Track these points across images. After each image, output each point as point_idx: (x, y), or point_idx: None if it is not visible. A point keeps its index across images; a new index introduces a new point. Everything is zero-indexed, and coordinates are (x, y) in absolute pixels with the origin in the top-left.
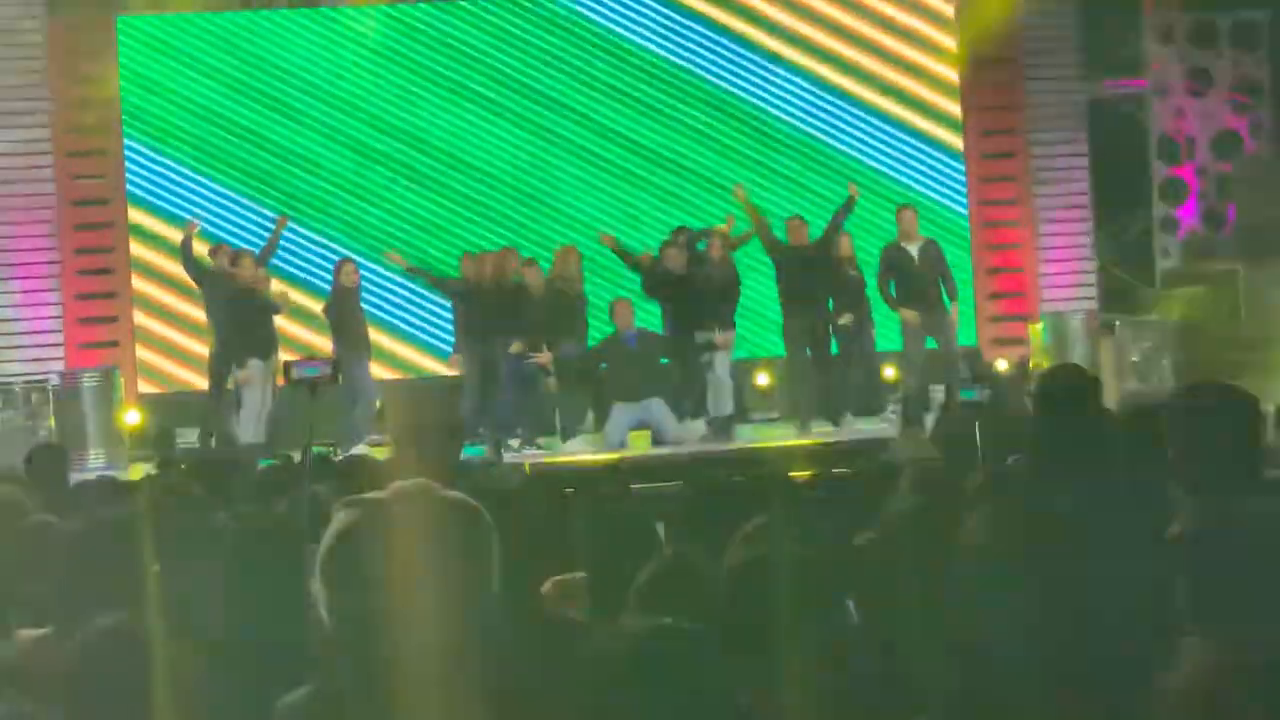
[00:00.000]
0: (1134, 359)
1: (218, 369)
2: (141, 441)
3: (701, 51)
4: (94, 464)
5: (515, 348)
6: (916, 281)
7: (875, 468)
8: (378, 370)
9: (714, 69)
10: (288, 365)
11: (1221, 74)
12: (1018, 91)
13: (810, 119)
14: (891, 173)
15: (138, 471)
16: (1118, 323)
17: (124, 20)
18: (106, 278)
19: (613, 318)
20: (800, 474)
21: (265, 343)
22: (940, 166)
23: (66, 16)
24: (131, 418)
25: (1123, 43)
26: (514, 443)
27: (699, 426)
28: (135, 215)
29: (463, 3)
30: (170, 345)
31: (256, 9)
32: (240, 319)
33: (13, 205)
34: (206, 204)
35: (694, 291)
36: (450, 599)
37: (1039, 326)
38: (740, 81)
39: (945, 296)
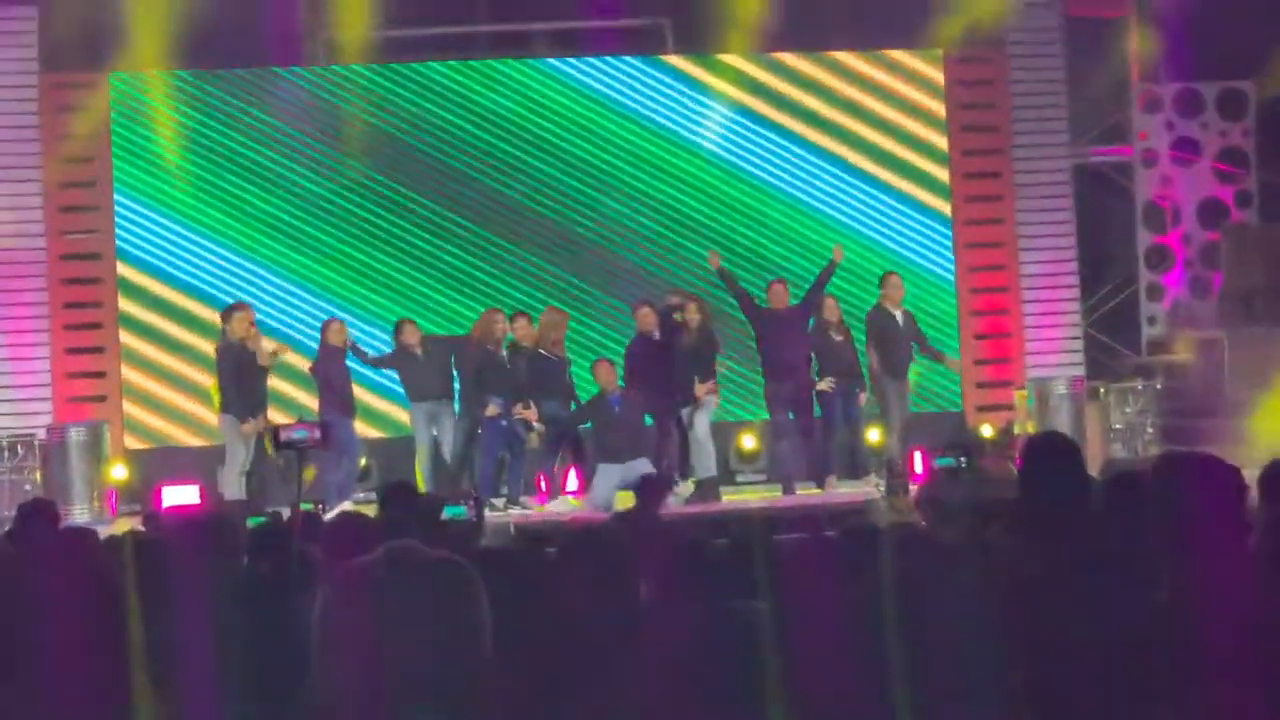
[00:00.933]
0: (1118, 425)
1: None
2: (127, 496)
3: (693, 114)
4: (79, 518)
5: (490, 410)
6: (900, 347)
7: (859, 531)
8: (362, 429)
9: (704, 132)
10: (277, 429)
11: (1208, 143)
12: (1005, 158)
13: (796, 181)
14: (878, 236)
15: (123, 525)
16: (1102, 389)
17: (116, 77)
18: (95, 332)
19: (596, 379)
20: (784, 537)
21: (259, 400)
22: (927, 231)
23: (59, 73)
24: (118, 472)
25: (1110, 111)
26: (497, 502)
27: (685, 487)
28: (125, 271)
29: (453, 63)
30: (158, 400)
31: (247, 68)
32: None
33: (2, 259)
34: (196, 260)
35: (676, 357)
36: (441, 659)
37: (1024, 392)
38: (729, 143)
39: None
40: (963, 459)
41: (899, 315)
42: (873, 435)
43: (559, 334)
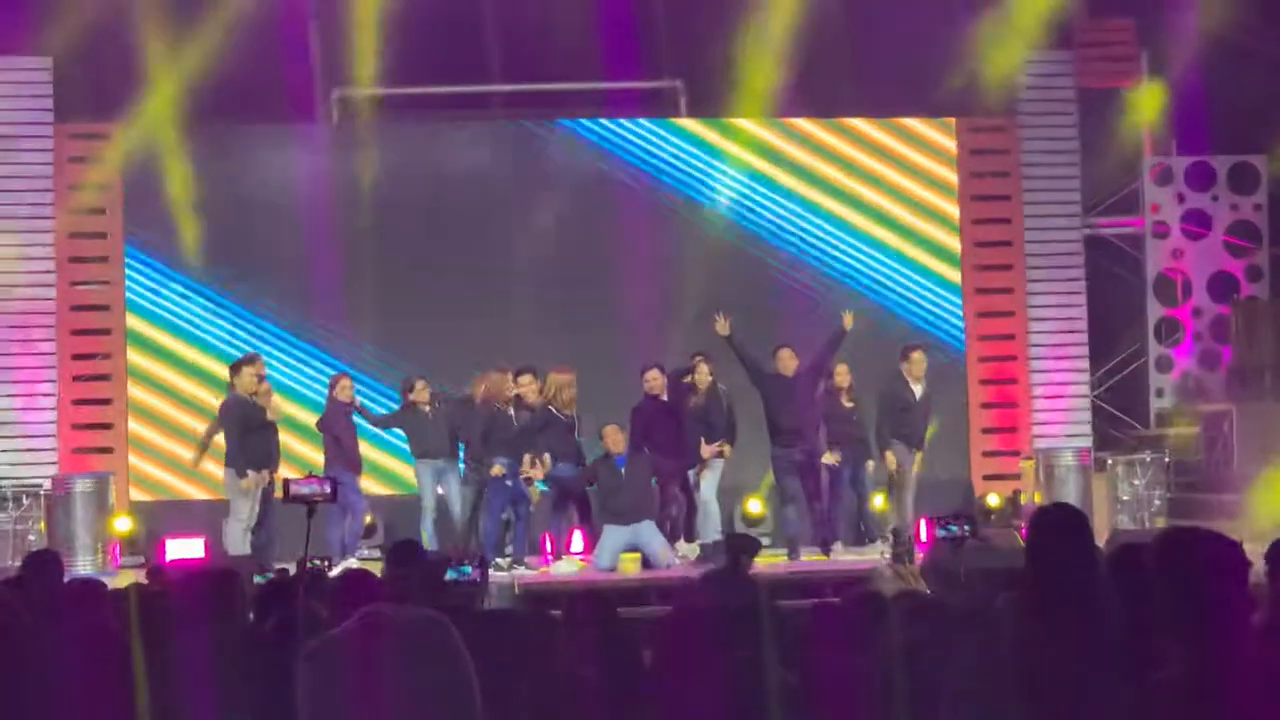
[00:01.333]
0: (1125, 497)
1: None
2: (131, 548)
3: (706, 179)
4: (81, 570)
5: (495, 470)
6: (915, 419)
7: (866, 598)
8: (369, 486)
9: (717, 195)
10: (287, 483)
11: (1219, 217)
12: (1016, 227)
13: (806, 246)
14: (888, 305)
15: (126, 578)
16: (1110, 460)
17: (129, 129)
18: (103, 384)
19: (603, 441)
20: (791, 602)
21: (263, 455)
22: (937, 299)
23: (72, 124)
24: (122, 525)
25: (1121, 182)
26: (502, 561)
27: (690, 550)
28: (134, 323)
29: (467, 122)
30: (164, 453)
31: (259, 123)
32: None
33: (13, 309)
34: (205, 314)
35: (685, 419)
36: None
37: (1031, 462)
38: (740, 208)
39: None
40: (966, 528)
41: (918, 390)
42: (878, 502)
43: (571, 393)
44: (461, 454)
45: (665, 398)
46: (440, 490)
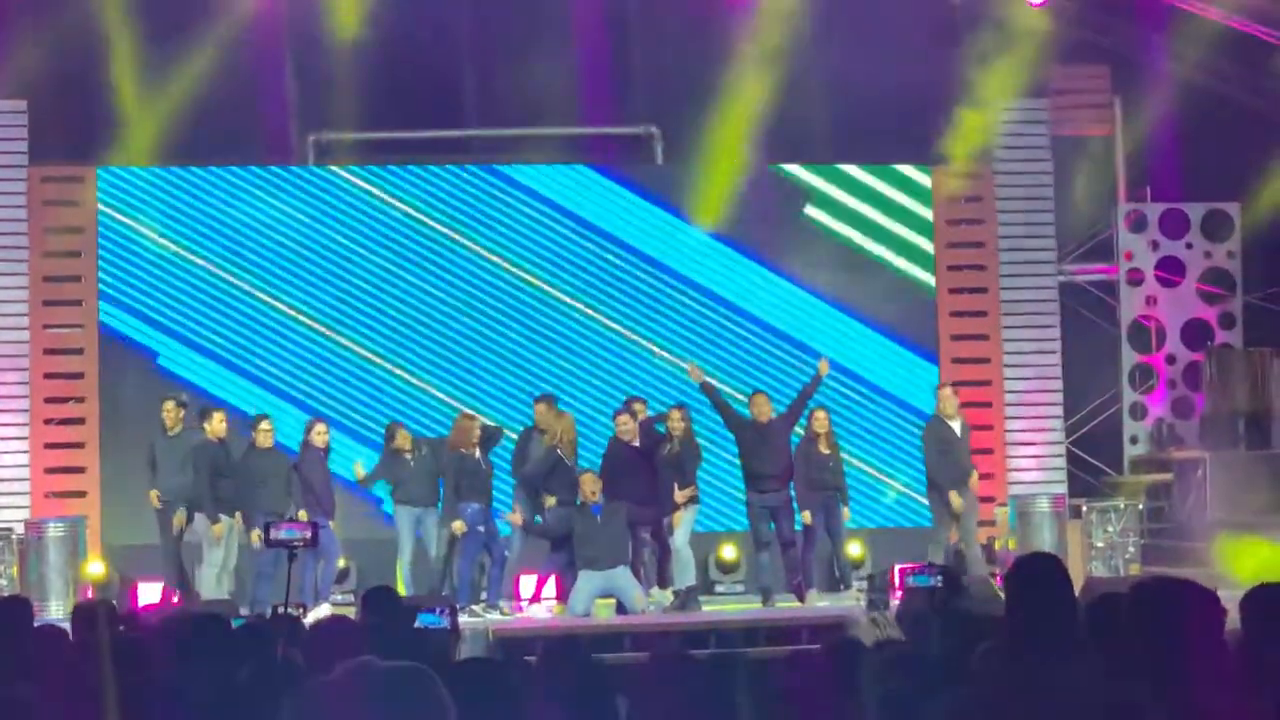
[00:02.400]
0: (1099, 544)
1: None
2: (103, 592)
3: (676, 229)
4: (54, 615)
5: (458, 527)
6: (961, 455)
7: (843, 646)
8: (342, 529)
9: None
10: (268, 527)
11: (1193, 264)
12: (991, 274)
13: (774, 291)
14: (863, 352)
15: None
16: (1084, 507)
17: (103, 171)
18: (76, 427)
19: (580, 488)
20: (765, 649)
21: (232, 500)
22: (912, 349)
23: (46, 166)
24: (95, 569)
25: (1095, 229)
26: (477, 607)
27: (665, 596)
28: (107, 366)
29: (450, 167)
30: (137, 497)
31: (236, 166)
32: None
33: None
34: (179, 357)
35: (659, 466)
36: None
37: (1005, 509)
38: (706, 265)
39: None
40: (938, 578)
41: (956, 425)
42: (854, 549)
43: (573, 436)
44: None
45: (637, 444)
46: (419, 534)
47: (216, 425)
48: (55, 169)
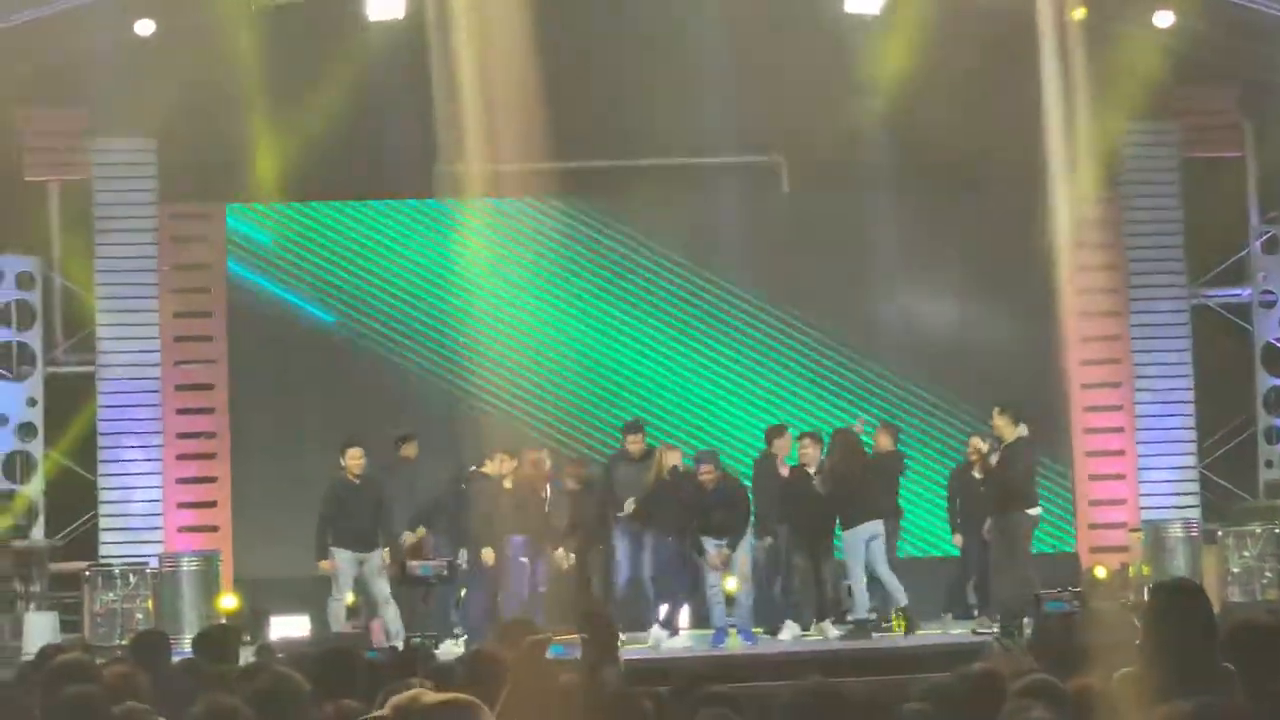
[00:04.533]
0: (1235, 569)
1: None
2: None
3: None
4: (189, 649)
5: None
6: (977, 502)
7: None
8: None
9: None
10: (403, 563)
11: None
12: (1122, 297)
13: (912, 316)
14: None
15: None
16: (1220, 532)
17: (232, 208)
18: (208, 462)
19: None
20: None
21: (354, 534)
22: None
23: (176, 204)
24: (228, 602)
25: (1228, 251)
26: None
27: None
28: (238, 401)
29: (569, 197)
30: (269, 531)
31: (363, 200)
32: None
33: (119, 389)
34: (307, 392)
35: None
36: None
37: (1139, 534)
38: (845, 279)
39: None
40: (1075, 603)
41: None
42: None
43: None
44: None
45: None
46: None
47: (350, 461)
48: (184, 207)
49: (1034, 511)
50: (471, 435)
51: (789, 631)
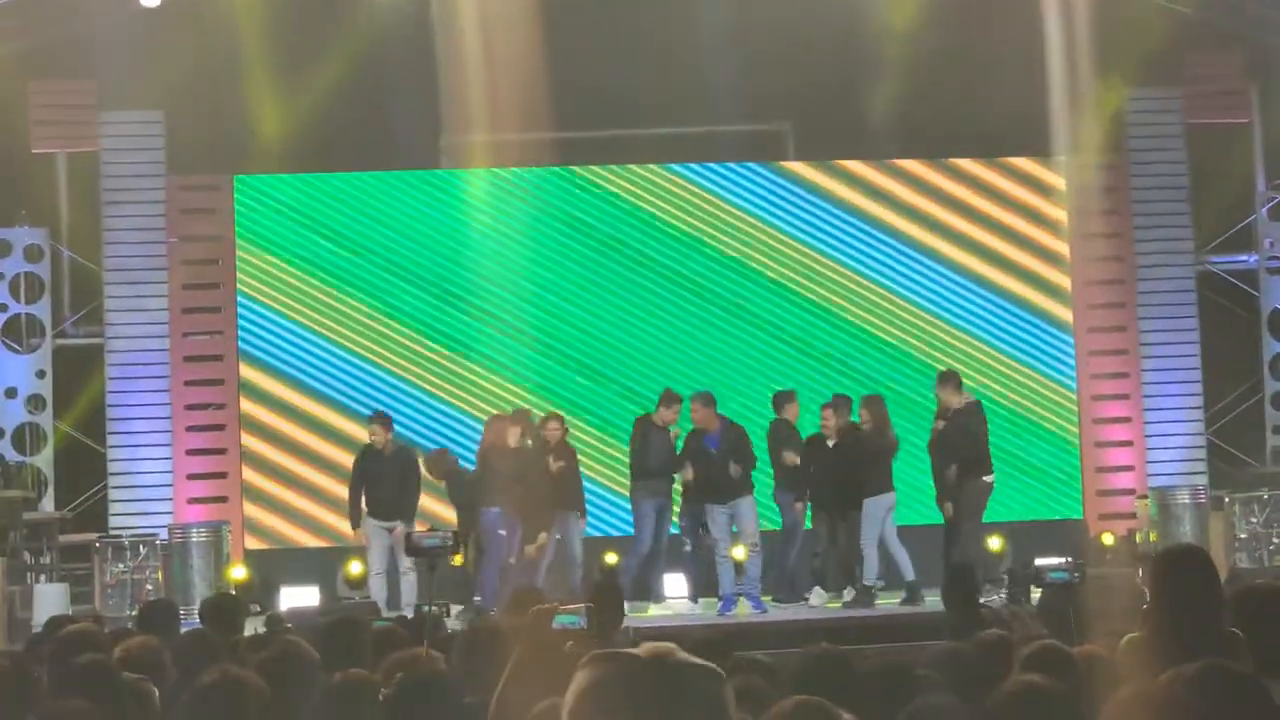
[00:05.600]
0: (1242, 535)
1: None
2: (246, 597)
3: (809, 220)
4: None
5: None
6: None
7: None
8: None
9: (821, 239)
10: (408, 535)
11: None
12: (1128, 265)
13: (916, 288)
14: (999, 344)
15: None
16: (1227, 498)
17: (240, 179)
18: (217, 434)
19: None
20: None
21: (381, 504)
22: (1049, 339)
23: (184, 176)
24: (238, 573)
25: (1234, 218)
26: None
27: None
28: (247, 372)
29: (574, 168)
30: (278, 501)
31: (370, 171)
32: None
33: (128, 360)
34: (317, 363)
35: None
36: None
37: (1146, 500)
38: (847, 250)
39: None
40: (1076, 575)
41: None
42: (994, 543)
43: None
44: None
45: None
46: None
47: (377, 431)
48: (192, 179)
49: (988, 479)
50: (478, 404)
51: (818, 598)
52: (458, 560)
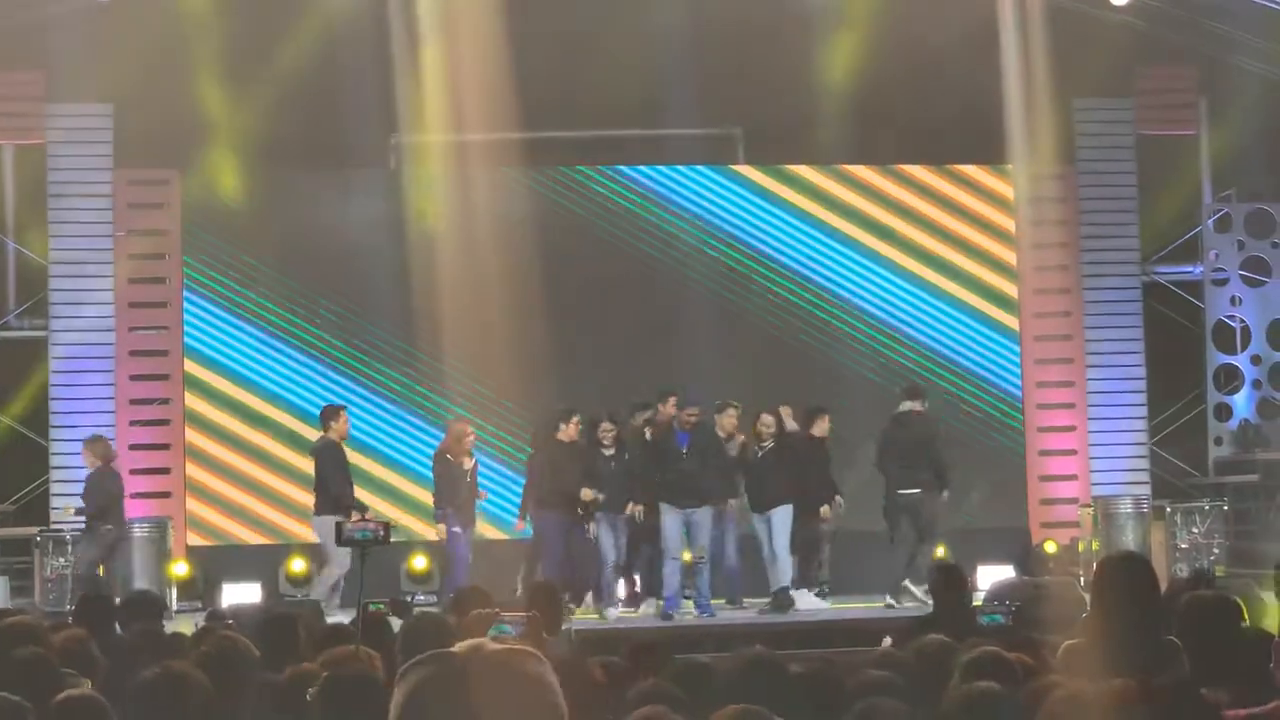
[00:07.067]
0: (1183, 545)
1: None
2: (187, 593)
3: (759, 224)
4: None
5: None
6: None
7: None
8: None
9: (770, 243)
10: (339, 525)
11: (1278, 264)
12: (1075, 274)
13: (864, 293)
14: (946, 350)
15: (184, 624)
16: (1168, 508)
17: (189, 174)
18: (161, 429)
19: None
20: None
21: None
22: (995, 346)
23: (131, 170)
24: (180, 569)
25: (1180, 229)
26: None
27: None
28: (191, 368)
29: (526, 168)
30: (221, 498)
31: (320, 169)
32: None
33: (72, 354)
34: (263, 359)
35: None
36: None
37: (1089, 509)
38: (796, 254)
39: None
40: (1009, 617)
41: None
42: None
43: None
44: None
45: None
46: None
47: (342, 426)
48: (140, 172)
49: (945, 494)
50: (425, 405)
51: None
52: None
